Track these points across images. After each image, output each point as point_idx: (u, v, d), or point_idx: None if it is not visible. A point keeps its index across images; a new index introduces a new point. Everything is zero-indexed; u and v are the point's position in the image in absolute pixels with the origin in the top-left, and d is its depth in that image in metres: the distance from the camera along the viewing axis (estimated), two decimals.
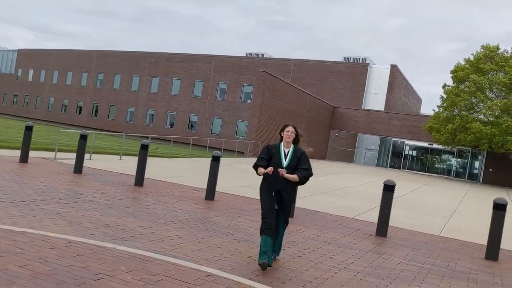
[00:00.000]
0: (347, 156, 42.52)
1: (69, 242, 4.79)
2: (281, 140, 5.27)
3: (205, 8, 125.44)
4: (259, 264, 4.72)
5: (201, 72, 45.20)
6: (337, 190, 14.80)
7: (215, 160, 9.75)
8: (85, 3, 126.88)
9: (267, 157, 5.18)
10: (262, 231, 4.88)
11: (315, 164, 28.56)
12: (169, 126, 45.91)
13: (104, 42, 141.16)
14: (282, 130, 5.25)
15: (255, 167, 5.18)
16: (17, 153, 13.01)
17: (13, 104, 60.35)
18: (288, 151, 5.19)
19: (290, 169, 5.12)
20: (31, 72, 58.79)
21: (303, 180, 5.14)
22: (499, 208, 7.14)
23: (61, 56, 55.70)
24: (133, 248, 4.88)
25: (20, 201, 6.60)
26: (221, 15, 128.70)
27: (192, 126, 44.87)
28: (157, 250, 4.96)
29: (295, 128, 5.24)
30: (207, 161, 20.73)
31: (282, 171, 5.00)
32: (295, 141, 5.29)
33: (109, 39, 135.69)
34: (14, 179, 8.53)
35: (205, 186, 9.80)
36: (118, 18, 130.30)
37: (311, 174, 5.21)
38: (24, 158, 11.39)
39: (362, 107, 42.43)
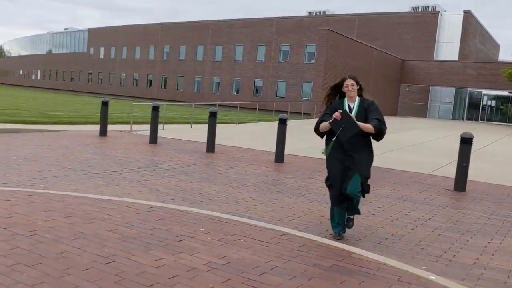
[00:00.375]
0: (420, 110, 40.82)
1: (151, 207, 5.08)
2: (342, 96, 4.69)
3: None
4: (335, 235, 4.52)
5: (263, 36, 44.88)
6: (411, 146, 14.35)
7: (282, 123, 9.78)
8: None
9: (331, 113, 4.58)
10: (332, 203, 4.57)
11: (386, 121, 27.80)
12: (235, 93, 46.40)
13: (167, 14, 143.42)
14: (341, 85, 4.64)
15: (318, 124, 4.64)
16: (96, 127, 13.81)
17: (88, 82, 63.67)
18: (353, 106, 4.58)
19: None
20: (102, 49, 61.42)
21: (379, 131, 4.43)
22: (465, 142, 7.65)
23: (128, 32, 57.57)
24: (210, 211, 5.09)
25: (103, 172, 7.05)
26: None
27: (257, 91, 45.04)
28: (233, 212, 5.13)
29: (354, 79, 4.62)
30: (274, 124, 20.80)
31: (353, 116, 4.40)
32: (360, 93, 4.70)
33: (171, 11, 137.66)
34: (96, 152, 9.09)
35: (274, 149, 9.89)
36: None
37: (385, 127, 4.53)
38: (103, 132, 12.07)
39: (434, 58, 40.21)
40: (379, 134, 4.50)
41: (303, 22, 43.30)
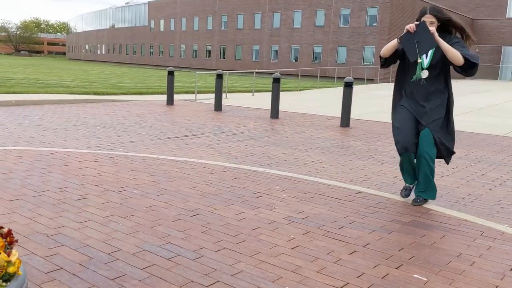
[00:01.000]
0: (491, 72, 38.57)
1: (225, 167, 5.26)
2: None
3: None
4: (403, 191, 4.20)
5: (322, 0, 43.78)
6: (483, 108, 13.69)
7: (348, 86, 9.64)
8: None
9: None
10: (399, 154, 3.96)
11: (455, 83, 26.59)
12: (294, 60, 45.93)
13: None
14: (419, 19, 3.77)
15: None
16: (163, 97, 14.27)
17: (150, 55, 65.35)
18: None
19: (435, 69, 3.77)
20: (161, 22, 62.57)
21: (469, 60, 3.56)
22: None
23: (186, 3, 58.12)
24: (281, 171, 5.20)
25: (175, 137, 7.34)
26: None
27: (316, 58, 44.30)
28: (304, 173, 5.21)
29: (435, 13, 3.69)
30: (336, 90, 20.51)
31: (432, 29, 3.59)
32: (445, 30, 3.80)
33: None
34: (165, 119, 9.44)
35: (338, 115, 9.82)
36: None
37: (477, 60, 3.65)
38: (170, 101, 12.47)
39: (506, 16, 37.54)
40: (470, 65, 3.59)
41: None
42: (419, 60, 3.68)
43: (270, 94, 12.01)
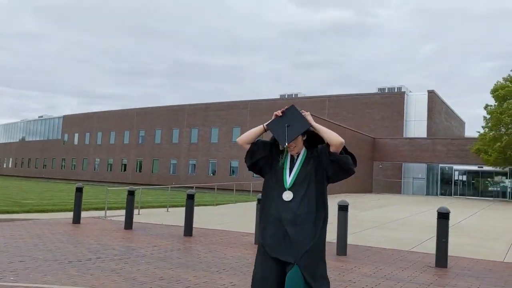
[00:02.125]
0: (394, 187, 41.44)
1: None
2: None
3: (237, 57, 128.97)
4: None
5: (238, 118, 45.98)
6: (389, 223, 14.37)
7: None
8: (123, 65, 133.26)
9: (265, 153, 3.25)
10: None
11: (362, 199, 27.92)
12: (211, 174, 46.45)
13: (143, 100, 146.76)
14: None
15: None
16: (70, 214, 13.44)
17: (61, 168, 62.93)
18: (298, 157, 3.20)
19: (301, 186, 3.07)
20: (76, 136, 61.52)
21: (346, 153, 3.14)
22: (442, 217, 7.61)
23: (103, 118, 58.18)
24: None
25: (77, 261, 6.77)
26: (253, 62, 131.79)
27: (233, 171, 45.22)
28: None
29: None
30: (252, 205, 20.68)
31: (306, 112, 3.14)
32: (312, 143, 3.24)
33: (148, 96, 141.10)
34: (69, 240, 8.78)
35: (253, 231, 9.76)
36: (155, 76, 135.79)
37: (354, 162, 3.18)
38: (76, 219, 11.73)
39: (404, 136, 41.66)
40: (346, 159, 3.11)
41: (276, 104, 44.72)
42: (286, 145, 3.09)
43: (184, 209, 11.77)
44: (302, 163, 3.15)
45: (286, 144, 3.05)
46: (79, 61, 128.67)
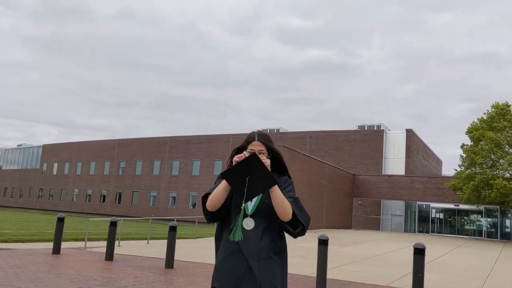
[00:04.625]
0: (373, 223, 41.81)
1: None
2: None
3: (221, 91, 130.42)
4: None
5: (219, 151, 46.19)
6: (367, 258, 14.58)
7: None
8: (107, 97, 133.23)
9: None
10: None
11: (341, 234, 28.07)
12: (192, 207, 46.17)
13: (126, 131, 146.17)
14: (244, 148, 2.89)
15: (206, 196, 2.80)
16: (48, 245, 13.33)
17: (38, 198, 61.71)
18: None
19: (264, 215, 2.74)
20: (55, 165, 60.69)
21: (299, 212, 2.71)
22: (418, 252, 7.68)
23: (83, 148, 57.72)
24: None
25: None
26: (237, 97, 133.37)
27: None
28: None
29: (265, 140, 2.87)
30: None
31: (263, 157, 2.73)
32: (276, 166, 2.94)
33: (130, 127, 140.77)
34: (50, 271, 8.75)
35: None
36: (138, 108, 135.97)
37: (308, 217, 2.75)
38: (56, 250, 11.65)
39: (383, 173, 42.37)
40: (299, 221, 2.69)
41: None
42: (243, 205, 2.68)
43: (166, 241, 11.82)
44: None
45: (244, 203, 2.66)
46: (62, 91, 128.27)
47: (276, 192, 2.64)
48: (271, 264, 2.69)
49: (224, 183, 2.66)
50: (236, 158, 2.70)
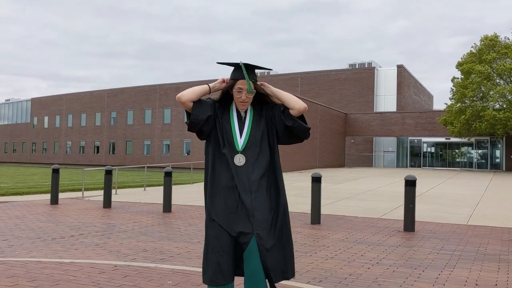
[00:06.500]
0: (366, 161, 42.46)
1: (115, 266, 5.09)
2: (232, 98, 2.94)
3: (209, 37, 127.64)
4: None
5: (211, 97, 45.84)
6: (360, 194, 14.92)
7: None
8: (93, 47, 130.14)
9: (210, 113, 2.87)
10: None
11: (334, 172, 28.54)
12: (186, 154, 46.47)
13: (114, 81, 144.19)
14: (232, 86, 2.89)
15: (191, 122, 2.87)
16: (46, 196, 13.49)
17: (32, 152, 61.73)
18: (246, 115, 2.88)
19: (254, 149, 2.79)
20: (46, 119, 60.24)
21: (303, 129, 2.81)
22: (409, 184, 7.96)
23: (73, 100, 57.08)
24: (174, 265, 5.16)
25: (60, 238, 6.94)
26: (225, 41, 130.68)
27: None
28: (197, 265, 5.22)
29: (254, 83, 2.83)
30: None
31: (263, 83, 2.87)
32: (257, 100, 2.91)
33: (119, 78, 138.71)
34: (49, 220, 8.90)
35: None
36: (125, 57, 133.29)
37: (308, 127, 2.84)
38: (54, 200, 11.80)
39: (374, 111, 42.51)
40: (304, 128, 2.80)
41: None
42: (240, 62, 2.83)
43: (162, 188, 11.99)
44: (251, 123, 2.83)
45: (248, 80, 2.75)
46: (46, 43, 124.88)
47: (278, 92, 2.83)
48: (263, 195, 2.75)
49: (204, 86, 2.89)
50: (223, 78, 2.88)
